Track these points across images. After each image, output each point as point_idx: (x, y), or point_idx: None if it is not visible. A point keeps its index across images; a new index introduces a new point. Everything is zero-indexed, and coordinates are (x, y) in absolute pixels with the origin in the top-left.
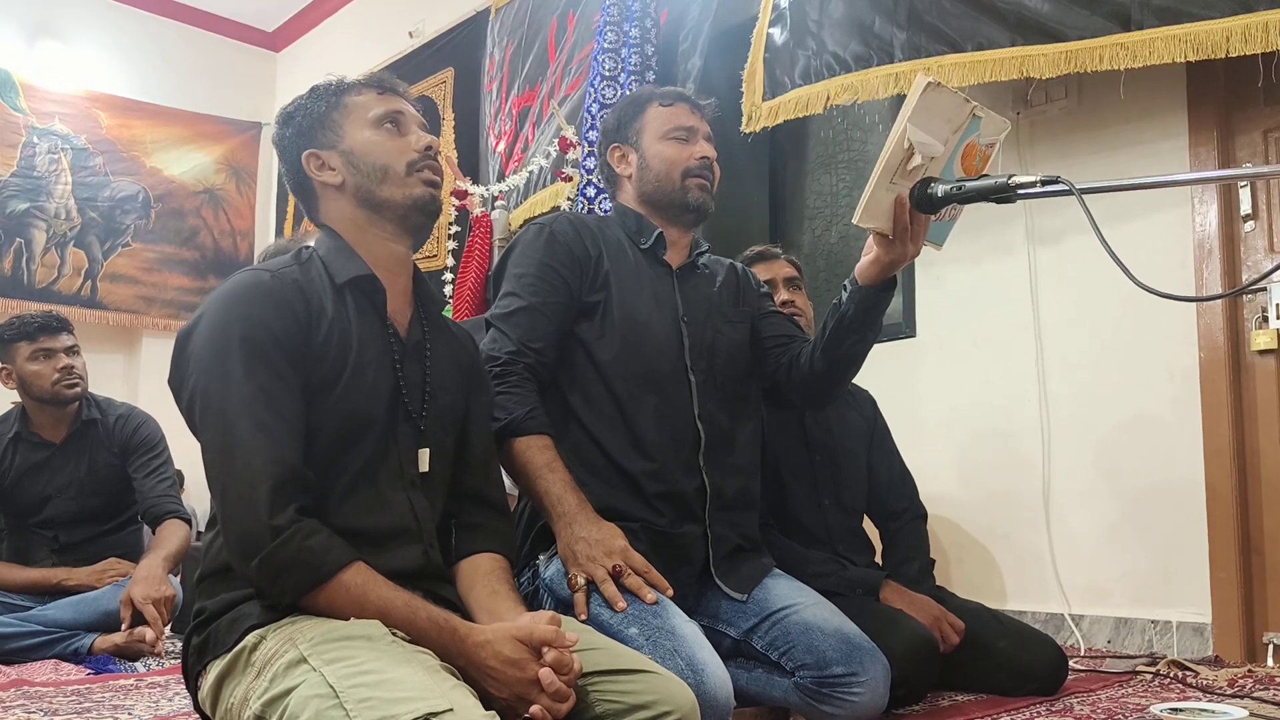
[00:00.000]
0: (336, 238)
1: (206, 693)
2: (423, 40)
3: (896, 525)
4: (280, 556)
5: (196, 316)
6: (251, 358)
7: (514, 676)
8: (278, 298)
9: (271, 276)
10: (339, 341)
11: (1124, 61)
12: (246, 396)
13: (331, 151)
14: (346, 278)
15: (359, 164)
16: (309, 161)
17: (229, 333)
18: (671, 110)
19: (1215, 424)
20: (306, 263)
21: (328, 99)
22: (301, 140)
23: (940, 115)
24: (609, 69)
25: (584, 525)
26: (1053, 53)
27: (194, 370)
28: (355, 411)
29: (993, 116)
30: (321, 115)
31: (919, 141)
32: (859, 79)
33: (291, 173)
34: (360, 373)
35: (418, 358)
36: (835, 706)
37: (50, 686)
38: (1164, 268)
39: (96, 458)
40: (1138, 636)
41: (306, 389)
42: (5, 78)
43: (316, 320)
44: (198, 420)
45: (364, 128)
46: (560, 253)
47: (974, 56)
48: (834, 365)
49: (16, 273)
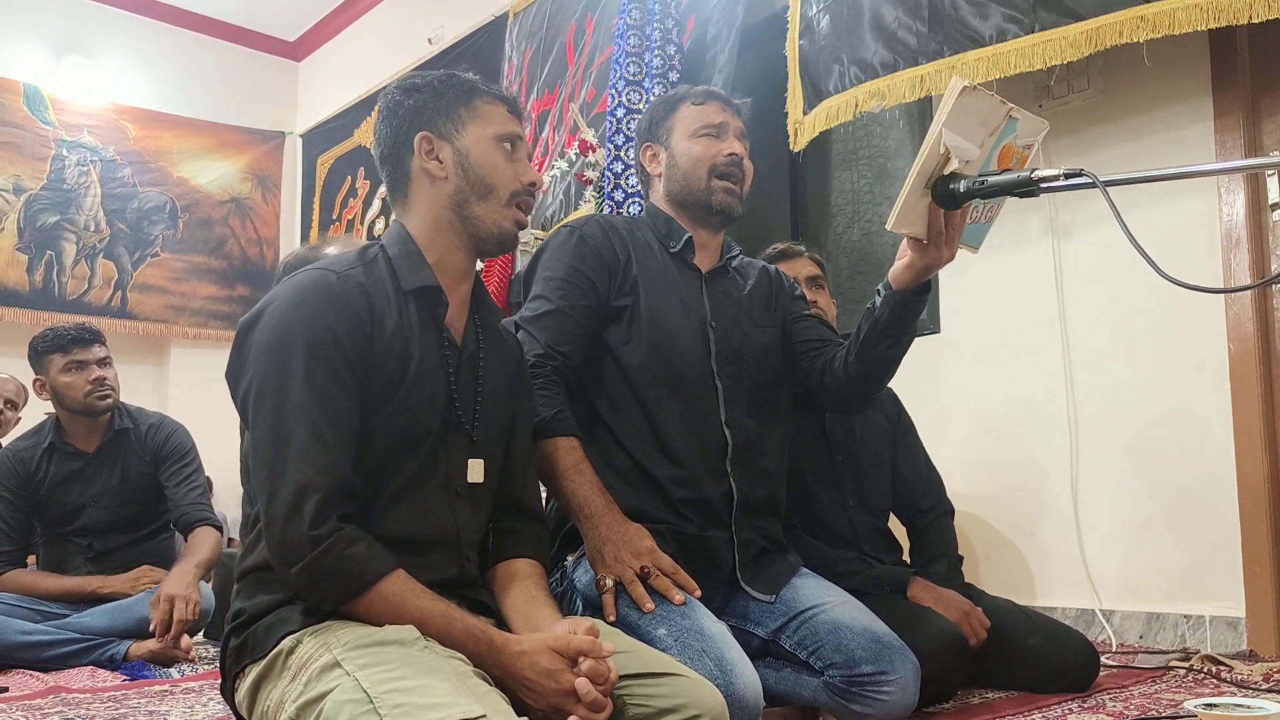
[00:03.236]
0: (409, 240)
1: (244, 695)
2: (442, 46)
3: (924, 523)
4: (321, 565)
5: (259, 310)
6: (313, 361)
7: (550, 688)
8: (342, 301)
9: (338, 278)
10: (400, 350)
11: (1145, 33)
12: (305, 401)
13: (446, 144)
14: (413, 286)
15: (469, 170)
16: (421, 143)
17: (293, 333)
18: (703, 108)
19: (1246, 416)
20: (371, 263)
21: (461, 92)
22: (420, 117)
23: (976, 118)
24: (632, 73)
25: (611, 527)
26: (1073, 34)
27: (253, 365)
28: (412, 421)
29: (1030, 117)
30: (450, 104)
31: (954, 146)
32: (885, 84)
33: (393, 143)
34: (419, 381)
35: (471, 367)
36: (865, 705)
37: (87, 693)
38: (1191, 259)
39: (129, 467)
40: (1170, 632)
41: (364, 395)
42: (34, 92)
43: (379, 325)
44: (252, 417)
45: (485, 138)
46: (589, 256)
47: (996, 50)
48: (868, 370)
49: (48, 285)
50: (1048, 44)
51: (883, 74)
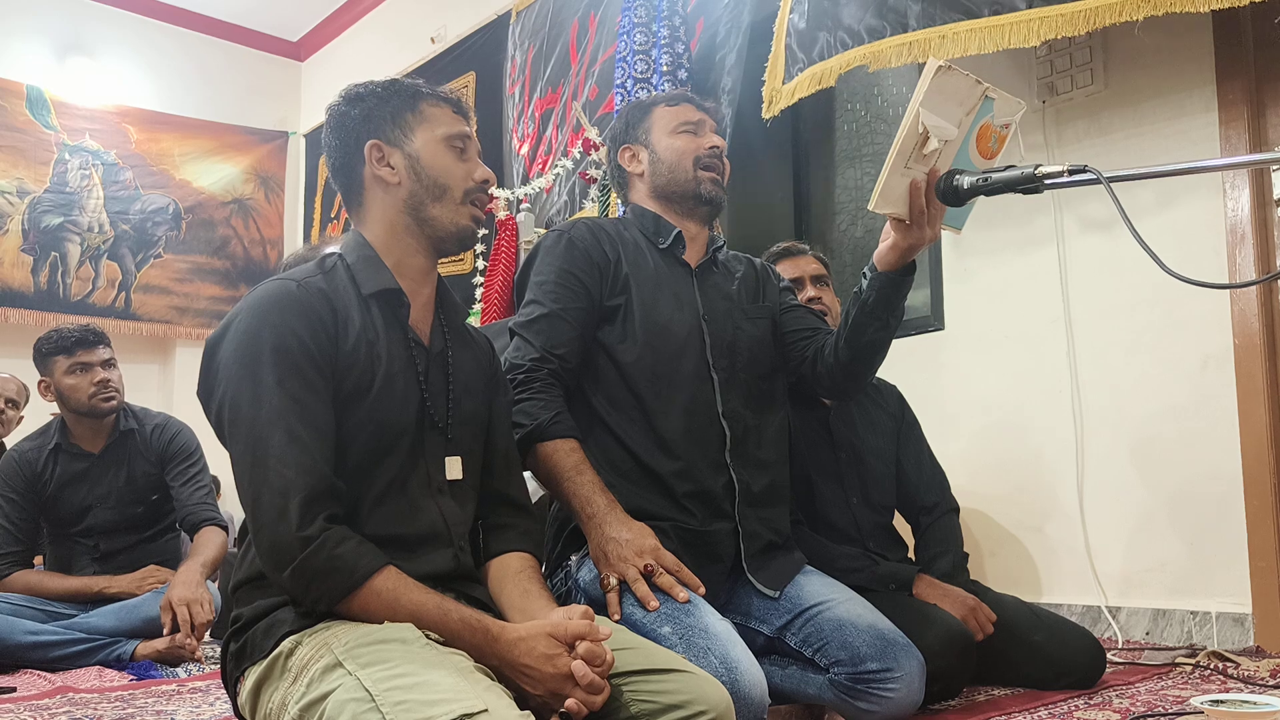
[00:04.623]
0: (365, 246)
1: (245, 698)
2: (444, 45)
3: (928, 520)
4: (311, 565)
5: (224, 326)
6: (283, 368)
7: (548, 672)
8: (306, 307)
9: (299, 286)
10: (367, 352)
11: (1144, 11)
12: (278, 407)
13: (396, 150)
14: (373, 290)
15: (421, 173)
16: (371, 151)
17: (259, 342)
18: (678, 109)
19: (1251, 411)
20: (331, 271)
21: (405, 97)
22: (368, 126)
23: (953, 98)
24: (640, 71)
25: (614, 526)
26: (1071, 11)
27: (223, 380)
28: (386, 422)
29: (1006, 97)
30: (395, 111)
31: (932, 125)
32: (872, 50)
33: (343, 154)
34: (389, 383)
35: (440, 366)
36: (870, 703)
37: (94, 693)
38: (1196, 254)
39: (135, 467)
40: (1176, 628)
41: (336, 399)
42: (37, 95)
43: (344, 330)
44: (227, 431)
45: (434, 140)
46: (579, 258)
47: (990, 21)
48: (858, 354)
49: (53, 286)
50: (1044, 20)
51: (869, 40)
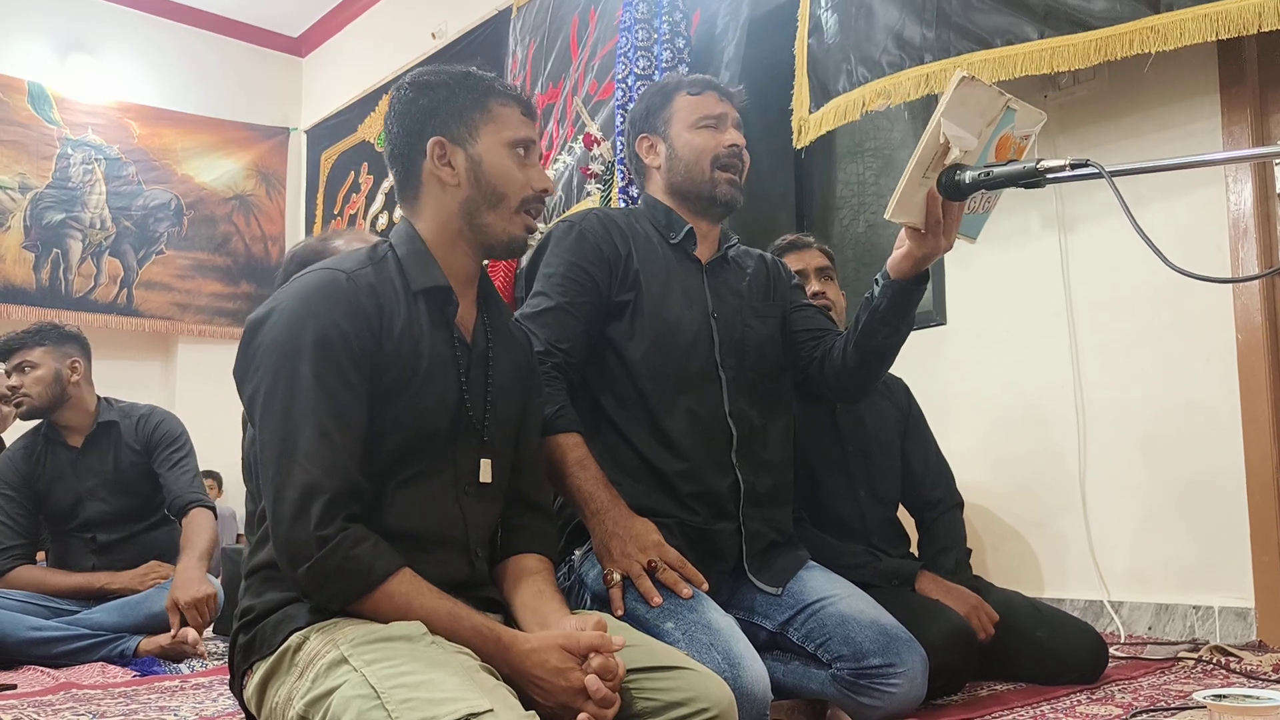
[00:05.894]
0: (417, 239)
1: (252, 692)
2: (445, 41)
3: (932, 515)
4: (327, 565)
5: (268, 309)
6: (322, 361)
7: (560, 685)
8: (352, 301)
9: (347, 278)
10: (410, 349)
11: (1154, 45)
12: (312, 401)
13: (459, 150)
14: (422, 286)
15: (481, 179)
16: (434, 147)
17: (301, 332)
18: (700, 99)
19: (1254, 406)
20: (381, 262)
21: (475, 94)
22: (433, 121)
23: (974, 109)
24: (642, 67)
25: (617, 521)
26: (1081, 42)
27: (261, 365)
28: (421, 420)
29: (1027, 108)
30: (464, 108)
31: (953, 136)
32: (891, 83)
33: (404, 143)
34: (429, 381)
35: (482, 366)
36: (873, 698)
37: (98, 689)
38: (1199, 249)
39: (121, 456)
40: (1179, 622)
41: (373, 395)
42: (39, 91)
43: (389, 325)
44: (259, 416)
45: (499, 145)
46: (590, 252)
47: (1002, 52)
48: (866, 359)
49: (55, 283)
50: (1055, 50)
51: (889, 73)
